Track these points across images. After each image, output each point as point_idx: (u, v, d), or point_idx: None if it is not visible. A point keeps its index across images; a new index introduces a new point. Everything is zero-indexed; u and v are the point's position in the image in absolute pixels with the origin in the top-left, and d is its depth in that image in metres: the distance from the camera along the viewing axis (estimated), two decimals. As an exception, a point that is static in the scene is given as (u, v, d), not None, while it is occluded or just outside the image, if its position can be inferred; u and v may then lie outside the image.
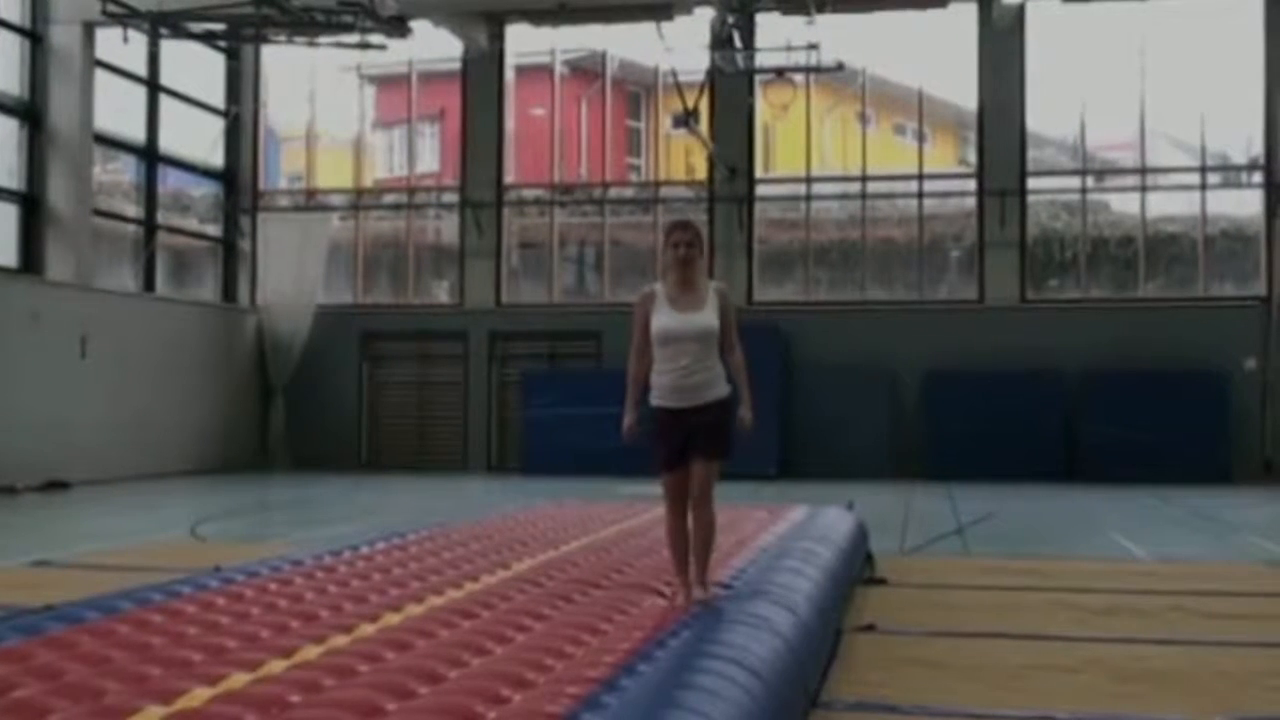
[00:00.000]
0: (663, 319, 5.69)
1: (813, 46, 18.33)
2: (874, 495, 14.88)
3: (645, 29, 20.27)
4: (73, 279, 18.17)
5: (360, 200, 23.14)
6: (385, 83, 23.47)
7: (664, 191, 22.22)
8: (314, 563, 6.47)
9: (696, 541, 5.71)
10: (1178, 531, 12.47)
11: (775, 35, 19.67)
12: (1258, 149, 20.18)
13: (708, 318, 5.68)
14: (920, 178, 21.15)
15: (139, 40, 18.83)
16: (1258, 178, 20.20)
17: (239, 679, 3.95)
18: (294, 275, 22.04)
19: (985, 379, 19.67)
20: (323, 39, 18.11)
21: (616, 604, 5.38)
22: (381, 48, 18.17)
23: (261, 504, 15.92)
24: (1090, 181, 21.06)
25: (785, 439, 19.75)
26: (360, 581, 5.94)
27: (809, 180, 21.45)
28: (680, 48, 19.90)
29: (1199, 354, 19.29)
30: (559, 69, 22.40)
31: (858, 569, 8.12)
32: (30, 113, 18.35)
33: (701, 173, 21.79)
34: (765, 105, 20.44)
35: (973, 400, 19.56)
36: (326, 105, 23.07)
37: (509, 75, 22.24)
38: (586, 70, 22.75)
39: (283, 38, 18.41)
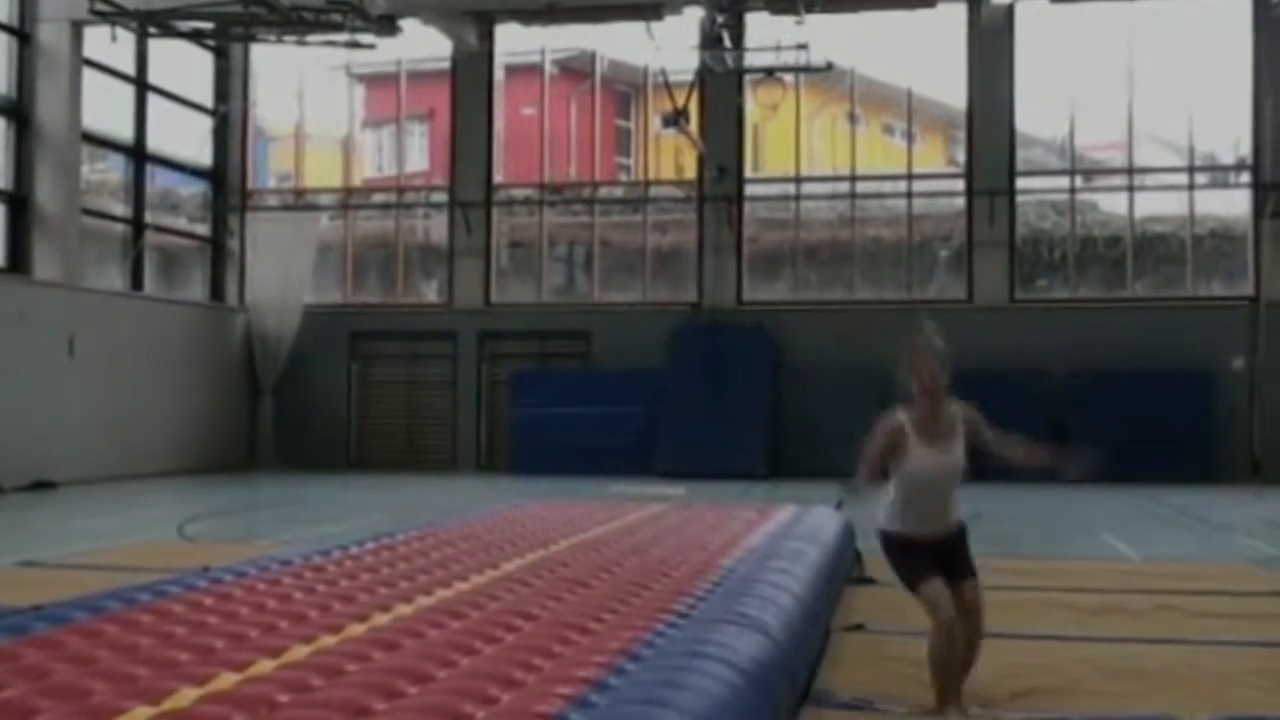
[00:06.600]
0: (919, 460, 5.34)
1: (802, 46, 18.35)
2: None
3: (635, 29, 20.23)
4: (60, 278, 18.11)
5: (349, 199, 23.11)
6: (374, 82, 23.44)
7: (653, 191, 22.24)
8: (302, 563, 6.44)
9: (971, 654, 5.30)
10: (1167, 531, 12.50)
11: (764, 35, 19.67)
12: (1245, 149, 20.24)
13: (958, 456, 5.42)
14: (909, 177, 21.19)
15: (127, 39, 18.74)
16: (1245, 178, 20.27)
17: (227, 679, 3.93)
18: (282, 275, 21.99)
19: (973, 378, 19.51)
20: (311, 37, 18.04)
21: (605, 603, 5.36)
22: (370, 47, 18.12)
23: (249, 504, 15.87)
24: (1079, 181, 21.12)
25: (774, 438, 19.76)
26: (349, 581, 5.91)
27: (798, 180, 21.48)
28: (669, 47, 19.87)
29: (1187, 353, 19.33)
30: (548, 68, 22.39)
31: (847, 568, 8.12)
32: (18, 111, 18.28)
33: (691, 172, 21.79)
34: (754, 105, 20.43)
35: (961, 399, 19.54)
36: (315, 104, 23.04)
37: (498, 74, 22.23)
38: (576, 70, 22.75)
39: (271, 36, 18.35)
